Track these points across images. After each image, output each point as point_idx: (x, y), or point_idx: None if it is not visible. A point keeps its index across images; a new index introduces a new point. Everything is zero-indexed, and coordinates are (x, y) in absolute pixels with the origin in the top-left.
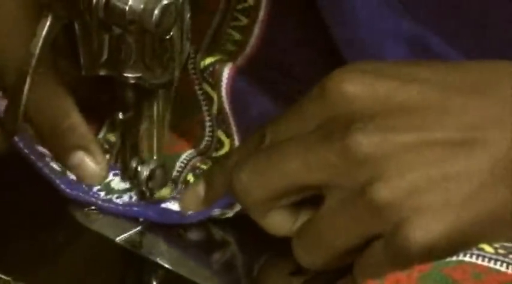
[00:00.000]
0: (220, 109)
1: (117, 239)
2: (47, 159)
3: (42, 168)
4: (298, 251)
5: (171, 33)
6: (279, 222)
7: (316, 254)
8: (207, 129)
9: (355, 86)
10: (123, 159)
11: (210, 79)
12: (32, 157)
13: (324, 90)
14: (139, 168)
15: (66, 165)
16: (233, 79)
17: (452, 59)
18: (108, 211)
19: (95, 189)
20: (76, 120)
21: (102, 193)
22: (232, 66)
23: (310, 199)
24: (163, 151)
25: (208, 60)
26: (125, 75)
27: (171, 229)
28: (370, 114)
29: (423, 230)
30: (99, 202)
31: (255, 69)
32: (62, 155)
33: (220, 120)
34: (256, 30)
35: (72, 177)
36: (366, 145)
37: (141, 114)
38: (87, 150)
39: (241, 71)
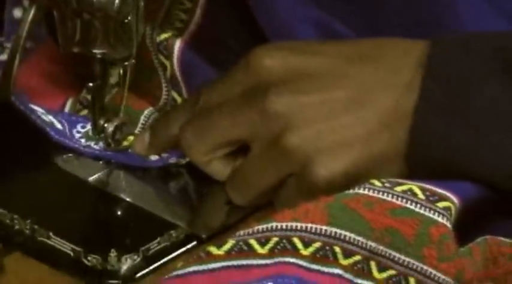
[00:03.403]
0: (173, 75)
1: (90, 179)
2: (39, 113)
3: (36, 120)
4: (229, 191)
5: (129, 18)
6: (219, 170)
7: (243, 192)
8: (164, 90)
9: (272, 60)
10: (93, 117)
11: (165, 51)
12: (27, 112)
13: (247, 63)
14: (106, 125)
15: None
16: (182, 52)
17: (352, 38)
18: (88, 154)
19: (77, 136)
20: None
21: (83, 140)
22: (182, 41)
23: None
24: (130, 109)
25: (163, 36)
26: (93, 51)
27: (131, 170)
28: (283, 80)
29: (325, 168)
30: (81, 148)
31: (199, 43)
32: None
33: (173, 83)
34: (198, 11)
35: (59, 126)
36: (279, 104)
37: (106, 82)
38: None
39: (188, 45)
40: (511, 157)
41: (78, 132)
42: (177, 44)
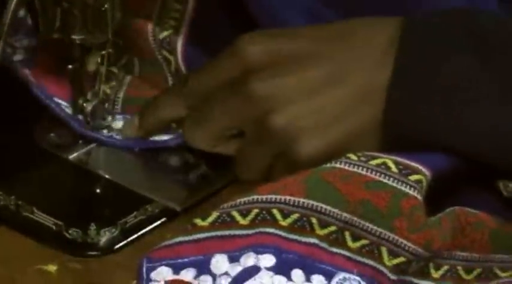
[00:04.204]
0: (178, 69)
1: (70, 157)
2: (63, 106)
3: (60, 112)
4: (236, 170)
5: (106, 6)
6: (225, 150)
7: (245, 172)
8: (170, 82)
9: (254, 46)
10: (73, 97)
11: (168, 47)
12: (52, 105)
13: (233, 50)
14: (84, 104)
15: None
16: (185, 47)
17: None
18: (109, 144)
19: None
20: None
21: (105, 131)
22: (183, 37)
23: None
24: (124, 92)
25: (166, 33)
26: (73, 37)
27: (109, 149)
28: (265, 65)
29: (307, 146)
30: (103, 138)
31: (199, 36)
32: None
33: (179, 76)
34: (191, 3)
35: (81, 118)
36: (261, 89)
37: (85, 65)
38: None
39: (189, 39)
40: (481, 128)
41: None
42: (180, 40)
